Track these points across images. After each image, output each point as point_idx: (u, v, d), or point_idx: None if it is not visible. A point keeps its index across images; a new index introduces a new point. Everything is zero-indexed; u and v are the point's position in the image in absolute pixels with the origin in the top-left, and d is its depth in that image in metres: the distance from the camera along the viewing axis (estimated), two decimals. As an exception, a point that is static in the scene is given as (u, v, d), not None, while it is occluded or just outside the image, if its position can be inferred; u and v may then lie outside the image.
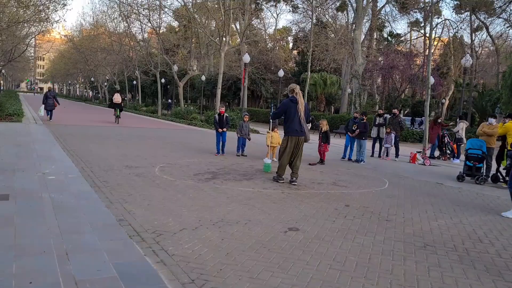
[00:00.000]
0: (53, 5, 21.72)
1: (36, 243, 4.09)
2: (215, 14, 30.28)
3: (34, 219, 4.83)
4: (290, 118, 8.30)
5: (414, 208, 6.95)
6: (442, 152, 15.95)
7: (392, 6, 38.78)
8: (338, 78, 44.91)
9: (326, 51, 34.63)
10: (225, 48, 26.71)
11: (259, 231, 5.02)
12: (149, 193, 6.62)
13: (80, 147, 11.56)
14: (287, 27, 55.50)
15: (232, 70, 42.21)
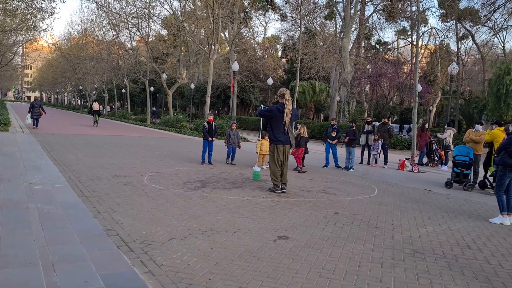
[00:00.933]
0: (41, 14, 21.58)
1: (21, 254, 4.02)
2: (204, 23, 30.36)
3: (20, 229, 4.76)
4: (277, 127, 8.29)
5: (403, 215, 6.98)
6: (430, 159, 16.08)
7: (380, 14, 39.24)
8: (327, 86, 45.17)
9: (314, 59, 34.88)
10: (214, 57, 26.74)
11: (248, 240, 5.00)
12: (137, 202, 6.56)
13: (68, 156, 11.45)
14: (276, 36, 55.88)
15: (221, 78, 42.24)
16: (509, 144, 6.87)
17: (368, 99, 38.00)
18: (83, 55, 49.28)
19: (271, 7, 49.04)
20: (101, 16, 40.30)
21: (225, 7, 28.08)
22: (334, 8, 38.36)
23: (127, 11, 35.33)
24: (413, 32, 39.59)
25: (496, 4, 35.00)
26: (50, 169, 9.19)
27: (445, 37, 41.88)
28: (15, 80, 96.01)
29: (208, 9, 26.90)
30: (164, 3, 34.65)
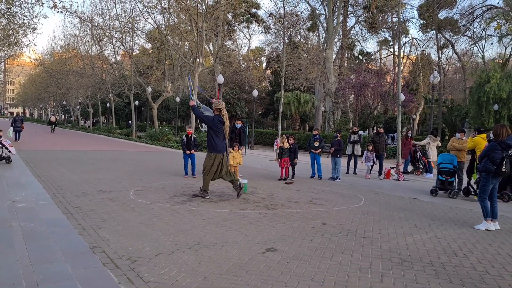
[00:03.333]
0: (23, 30, 21.41)
1: (4, 274, 3.94)
2: (188, 36, 30.42)
3: (2, 249, 4.66)
4: (217, 137, 8.61)
5: (390, 224, 7.02)
6: (415, 167, 16.23)
7: (362, 26, 39.84)
8: (312, 96, 45.50)
9: (299, 70, 35.16)
10: (198, 69, 26.75)
11: (236, 253, 4.97)
12: (123, 218, 6.48)
13: (52, 173, 11.30)
14: (260, 48, 56.19)
15: (206, 91, 42.25)
16: (491, 151, 6.97)
17: (352, 109, 38.39)
18: (67, 70, 48.92)
19: (254, 19, 49.41)
20: (84, 31, 40.15)
21: (209, 20, 28.18)
22: (317, 20, 38.82)
23: (110, 25, 35.26)
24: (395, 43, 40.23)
25: (474, 14, 35.83)
26: (33, 186, 9.06)
27: (426, 47, 42.67)
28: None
29: (192, 23, 26.96)
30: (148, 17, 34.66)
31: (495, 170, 6.87)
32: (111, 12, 35.06)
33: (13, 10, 18.33)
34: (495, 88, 27.61)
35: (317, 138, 13.51)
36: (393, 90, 35.35)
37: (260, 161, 19.40)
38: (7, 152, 13.08)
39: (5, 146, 13.01)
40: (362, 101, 36.40)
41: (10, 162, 13.06)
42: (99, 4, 43.51)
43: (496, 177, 7.00)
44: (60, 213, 6.60)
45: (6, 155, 13.09)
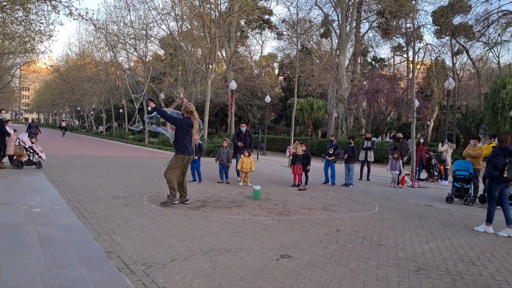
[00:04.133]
0: (39, 37, 21.74)
1: (22, 279, 3.97)
2: (201, 42, 30.60)
3: (20, 254, 4.70)
4: (186, 139, 8.28)
5: (405, 231, 6.94)
6: (430, 174, 16.06)
7: (375, 31, 39.66)
8: (324, 102, 45.39)
9: (311, 76, 35.11)
10: (211, 76, 26.89)
11: (250, 260, 4.95)
12: (137, 223, 6.51)
13: (66, 178, 11.40)
14: (273, 54, 56.32)
15: (219, 97, 42.43)
16: (493, 157, 7.07)
17: (365, 115, 38.19)
18: (81, 76, 49.58)
19: (267, 26, 49.55)
20: (99, 37, 40.64)
21: (222, 26, 28.33)
22: (329, 26, 38.79)
23: (125, 32, 35.65)
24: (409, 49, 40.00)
25: (489, 20, 35.45)
26: (49, 191, 9.15)
27: (440, 52, 42.29)
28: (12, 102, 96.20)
29: (205, 29, 27.14)
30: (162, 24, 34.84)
31: (497, 176, 6.94)
32: (125, 19, 35.47)
33: (30, 17, 18.64)
34: (511, 94, 27.23)
35: (333, 145, 13.43)
36: (407, 96, 35.10)
37: (273, 167, 19.37)
38: (38, 157, 13.34)
39: (36, 151, 13.26)
40: (375, 107, 36.20)
41: (40, 167, 13.31)
42: (114, 12, 44.10)
43: (499, 183, 7.06)
44: (76, 218, 6.64)
45: (37, 160, 13.34)
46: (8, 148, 12.85)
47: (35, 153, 13.25)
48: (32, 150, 13.19)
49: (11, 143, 12.84)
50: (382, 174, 17.25)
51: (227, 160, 12.27)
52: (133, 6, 34.12)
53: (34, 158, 13.28)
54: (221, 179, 12.30)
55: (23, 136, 13.34)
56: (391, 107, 36.40)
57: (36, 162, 13.32)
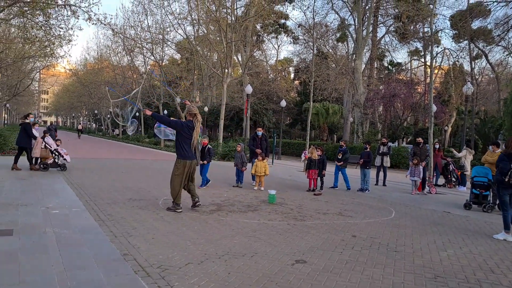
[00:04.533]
0: (58, 41, 22.11)
1: (39, 280, 4.02)
2: (217, 47, 30.79)
3: (38, 255, 4.77)
4: (186, 142, 7.94)
5: (422, 238, 6.84)
6: (448, 180, 15.84)
7: (392, 36, 39.37)
8: (340, 107, 45.16)
9: (327, 81, 35.01)
10: (227, 80, 27.02)
11: (265, 264, 4.93)
12: (153, 226, 6.55)
13: (84, 180, 11.54)
14: (289, 58, 56.37)
15: (234, 101, 42.58)
16: (499, 161, 7.19)
17: (381, 120, 37.88)
18: (99, 80, 50.28)
19: (283, 30, 49.62)
20: (116, 42, 41.24)
21: (238, 31, 28.49)
22: (346, 30, 38.67)
23: (142, 37, 36.07)
24: (426, 53, 39.62)
25: (509, 24, 34.88)
26: (67, 193, 9.27)
27: (459, 57, 41.74)
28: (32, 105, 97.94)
29: (221, 33, 27.31)
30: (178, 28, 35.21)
31: (502, 180, 7.03)
32: (142, 23, 35.81)
33: (50, 22, 18.97)
34: (531, 99, 26.71)
35: (342, 150, 13.33)
36: (424, 101, 34.74)
37: (288, 171, 19.33)
38: (63, 160, 13.59)
39: (61, 154, 13.51)
40: (392, 112, 35.85)
41: (65, 169, 13.56)
42: (132, 17, 44.64)
43: (506, 188, 7.07)
44: (92, 220, 6.71)
45: (62, 162, 13.60)
46: (34, 150, 13.22)
47: (60, 156, 13.52)
48: (57, 153, 13.47)
49: (37, 146, 13.22)
50: (398, 180, 17.10)
51: (241, 164, 12.26)
52: (151, 11, 34.57)
53: (59, 161, 13.54)
54: (236, 183, 12.30)
55: (49, 139, 13.63)
56: (408, 112, 36.03)
57: (61, 165, 13.57)
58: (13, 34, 28.25)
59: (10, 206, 7.40)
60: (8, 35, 28.40)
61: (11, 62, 29.60)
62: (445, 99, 41.28)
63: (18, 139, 13.52)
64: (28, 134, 13.16)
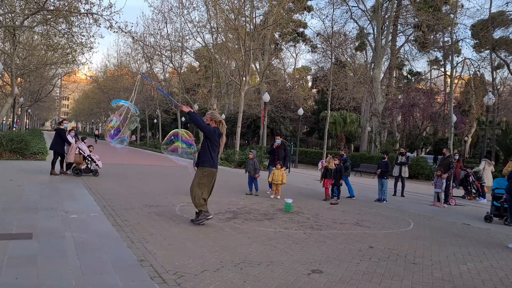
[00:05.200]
0: (80, 48, 22.56)
1: (57, 284, 4.06)
2: (236, 55, 30.97)
3: (56, 259, 4.82)
4: (215, 150, 7.56)
5: (441, 250, 6.72)
6: (468, 192, 15.56)
7: (411, 45, 39.06)
8: (358, 116, 44.90)
9: (345, 89, 34.88)
10: (245, 88, 27.12)
11: (281, 273, 4.90)
12: (169, 233, 6.57)
13: (102, 185, 11.67)
14: (306, 67, 56.36)
15: (251, 109, 42.69)
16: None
17: (400, 130, 37.52)
18: (118, 86, 50.97)
19: (301, 38, 49.69)
20: (136, 49, 41.84)
21: (256, 39, 28.60)
22: (365, 39, 38.53)
23: (161, 44, 36.53)
24: (447, 63, 39.16)
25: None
26: (85, 198, 9.38)
27: (480, 67, 41.17)
28: (52, 111, 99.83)
29: (239, 41, 27.48)
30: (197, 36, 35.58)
31: None
32: (162, 31, 36.31)
33: (72, 30, 19.36)
34: (554, 111, 26.20)
35: (342, 158, 13.15)
36: (444, 111, 34.29)
37: (305, 180, 19.24)
38: (95, 165, 13.84)
39: (94, 160, 13.77)
40: (411, 122, 35.48)
41: (97, 175, 13.83)
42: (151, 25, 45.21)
43: None
44: (110, 225, 6.77)
45: (94, 168, 13.85)
46: (68, 156, 13.54)
47: (93, 161, 13.78)
48: (90, 159, 13.74)
49: (71, 152, 13.53)
50: (417, 190, 16.87)
51: (254, 171, 12.22)
52: (170, 19, 35.05)
53: (92, 166, 13.80)
54: (249, 191, 12.26)
55: (82, 145, 13.93)
56: (427, 122, 35.62)
57: (93, 170, 13.83)
58: (36, 41, 28.87)
59: (30, 210, 7.51)
60: (32, 42, 29.03)
61: (34, 68, 30.22)
62: (465, 109, 40.73)
63: (52, 145, 13.90)
64: (62, 139, 13.52)
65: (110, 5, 17.11)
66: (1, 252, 4.88)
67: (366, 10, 36.19)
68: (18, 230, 6.01)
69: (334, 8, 33.83)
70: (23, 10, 18.49)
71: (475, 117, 41.64)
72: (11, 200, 8.40)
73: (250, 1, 26.90)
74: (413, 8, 35.14)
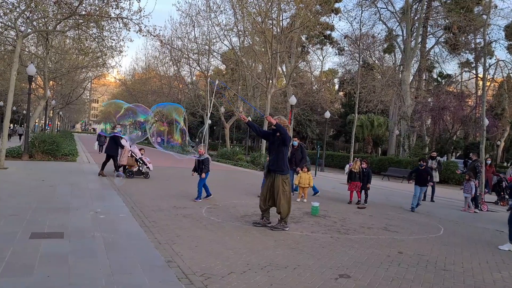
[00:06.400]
0: (110, 52, 23.02)
1: (88, 283, 4.13)
2: (262, 58, 30.99)
3: (86, 258, 4.91)
4: (286, 157, 7.68)
5: (473, 257, 6.53)
6: (500, 197, 15.11)
7: (442, 47, 38.25)
8: (386, 119, 44.25)
9: (373, 92, 34.41)
10: (271, 90, 27.11)
11: (308, 277, 4.85)
12: (196, 234, 6.61)
13: (130, 186, 11.84)
14: (333, 69, 55.89)
15: (278, 112, 42.56)
16: None
17: (429, 133, 36.72)
18: (146, 89, 51.75)
19: (328, 41, 49.35)
20: (164, 53, 42.38)
21: (283, 42, 28.57)
22: (393, 41, 37.96)
23: (188, 47, 36.90)
24: (478, 65, 38.21)
25: None
26: (114, 199, 9.54)
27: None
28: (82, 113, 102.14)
29: (266, 44, 27.49)
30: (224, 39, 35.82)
31: None
32: (189, 35, 36.65)
33: (103, 34, 19.75)
34: None
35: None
36: (476, 114, 33.42)
37: (331, 184, 19.06)
38: (146, 168, 14.16)
39: (145, 162, 14.10)
40: (441, 125, 34.68)
41: (148, 177, 14.21)
42: (179, 28, 45.78)
43: None
44: (138, 226, 6.86)
45: (145, 170, 14.17)
46: (121, 158, 13.93)
47: (144, 164, 14.10)
48: (142, 161, 14.06)
49: (124, 154, 14.00)
50: (447, 195, 16.49)
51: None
52: (198, 22, 35.34)
53: (143, 169, 14.12)
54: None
55: (134, 148, 14.29)
56: (458, 126, 34.78)
57: (144, 173, 14.12)
58: (68, 45, 29.60)
59: (61, 210, 7.69)
60: (64, 46, 29.78)
61: (66, 72, 30.99)
62: (498, 113, 39.54)
63: (107, 148, 14.53)
64: (117, 143, 14.01)
65: (140, 10, 17.38)
66: (34, 251, 5.01)
67: (395, 12, 35.66)
68: (50, 230, 6.16)
69: (362, 10, 33.45)
70: (56, 15, 18.98)
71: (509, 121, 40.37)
72: (43, 200, 8.62)
73: (277, 4, 26.89)
74: (443, 10, 34.42)
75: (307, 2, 24.93)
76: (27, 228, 6.11)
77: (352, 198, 12.02)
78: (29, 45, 28.54)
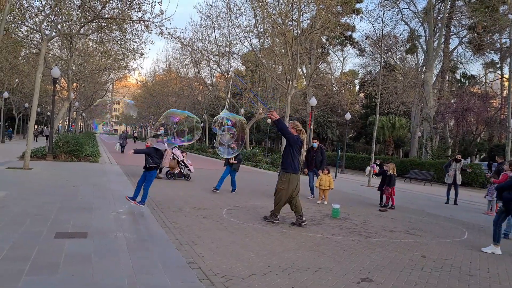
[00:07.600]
0: (132, 54, 23.33)
1: (110, 282, 4.18)
2: (283, 59, 30.95)
3: (109, 258, 4.97)
4: (296, 157, 8.04)
5: (499, 262, 6.38)
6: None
7: (465, 47, 37.59)
8: (408, 121, 43.68)
9: (394, 93, 34.01)
10: (291, 92, 27.03)
11: (330, 280, 4.81)
12: (217, 236, 6.62)
13: (151, 187, 11.89)
14: (354, 70, 55.49)
15: (298, 113, 42.49)
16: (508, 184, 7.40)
17: (452, 135, 36.11)
18: (166, 91, 52.25)
19: (349, 42, 49.02)
20: (184, 54, 42.74)
21: (303, 43, 28.49)
22: (416, 41, 37.49)
23: (209, 49, 37.12)
24: (504, 65, 37.41)
25: None
26: (136, 199, 9.62)
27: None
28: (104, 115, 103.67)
29: (286, 46, 27.44)
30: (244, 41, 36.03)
31: None
32: (210, 36, 36.92)
33: (125, 37, 20.04)
34: None
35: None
36: (501, 116, 32.71)
37: (352, 186, 18.90)
38: (187, 170, 14.39)
39: (186, 164, 14.34)
40: (464, 127, 34.06)
41: (189, 179, 14.49)
42: (200, 30, 46.11)
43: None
44: (159, 227, 6.91)
45: (187, 173, 14.41)
46: (163, 161, 14.16)
47: (185, 166, 14.32)
48: (183, 164, 14.28)
49: (166, 157, 14.21)
50: (470, 198, 16.17)
51: None
52: (218, 24, 35.54)
53: (184, 171, 14.34)
54: None
55: (176, 150, 14.56)
56: (482, 127, 34.09)
57: (185, 175, 14.35)
58: (91, 48, 30.12)
59: (85, 210, 7.81)
60: (87, 49, 30.32)
61: (89, 74, 31.53)
62: (523, 114, 38.60)
63: None
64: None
65: (161, 12, 17.57)
66: (59, 250, 5.10)
67: (417, 12, 35.22)
68: (74, 229, 6.26)
69: (384, 11, 33.18)
70: (80, 19, 19.34)
71: (535, 122, 39.41)
72: (67, 200, 8.77)
73: (297, 5, 26.82)
74: (467, 9, 33.84)
75: (327, 3, 24.77)
76: (52, 228, 6.22)
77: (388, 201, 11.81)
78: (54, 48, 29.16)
